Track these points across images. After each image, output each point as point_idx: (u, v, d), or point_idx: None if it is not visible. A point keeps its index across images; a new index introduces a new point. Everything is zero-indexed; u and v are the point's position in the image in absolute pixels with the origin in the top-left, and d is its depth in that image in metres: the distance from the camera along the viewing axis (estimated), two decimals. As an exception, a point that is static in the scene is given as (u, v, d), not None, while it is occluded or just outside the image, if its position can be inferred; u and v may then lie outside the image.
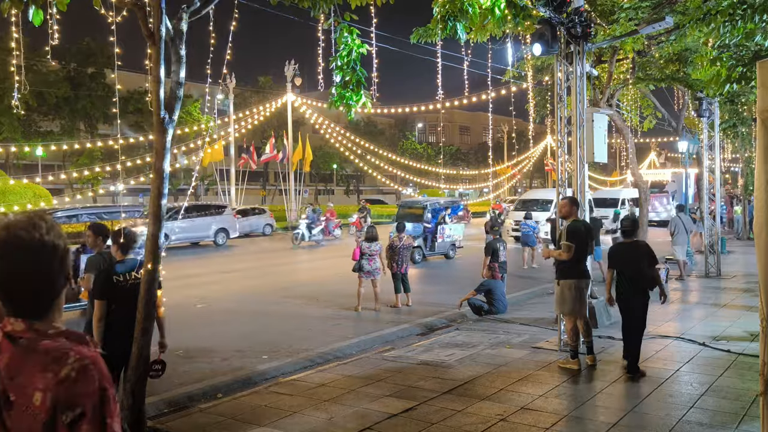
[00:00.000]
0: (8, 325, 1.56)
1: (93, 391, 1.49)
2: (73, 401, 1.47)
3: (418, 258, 18.42)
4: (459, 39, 7.55)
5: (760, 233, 3.22)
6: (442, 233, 19.77)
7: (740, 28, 7.43)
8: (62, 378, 1.47)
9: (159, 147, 5.17)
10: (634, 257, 7.14)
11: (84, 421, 1.46)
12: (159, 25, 5.01)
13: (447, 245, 19.97)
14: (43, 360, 1.50)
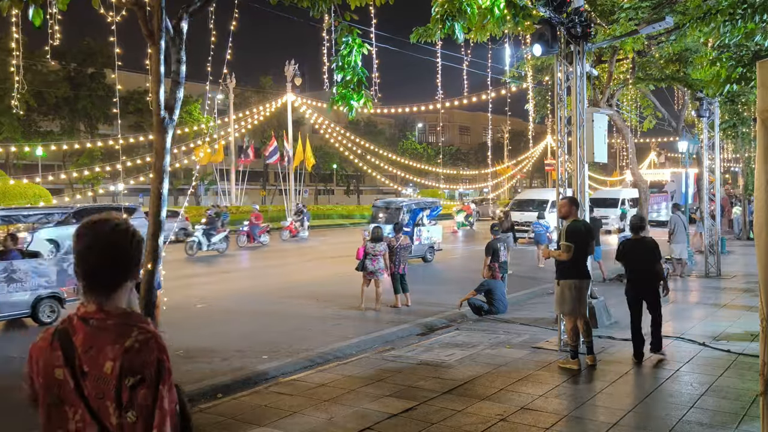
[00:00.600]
0: (82, 308, 1.87)
1: (152, 361, 1.76)
2: (135, 368, 1.75)
3: None
4: (457, 39, 7.55)
5: (760, 233, 3.22)
6: (419, 235, 18.91)
7: (740, 28, 7.44)
8: (127, 348, 1.76)
9: (159, 147, 5.17)
10: (642, 252, 7.75)
11: (143, 386, 1.74)
12: (159, 24, 5.01)
13: (425, 248, 19.13)
14: (111, 335, 1.80)
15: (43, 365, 1.84)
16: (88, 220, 1.91)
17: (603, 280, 14.21)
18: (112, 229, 1.89)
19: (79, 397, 1.79)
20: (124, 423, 1.74)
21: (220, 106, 46.82)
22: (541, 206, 26.74)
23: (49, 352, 1.84)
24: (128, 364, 1.75)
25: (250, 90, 53.46)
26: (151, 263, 5.08)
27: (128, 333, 1.80)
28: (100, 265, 1.87)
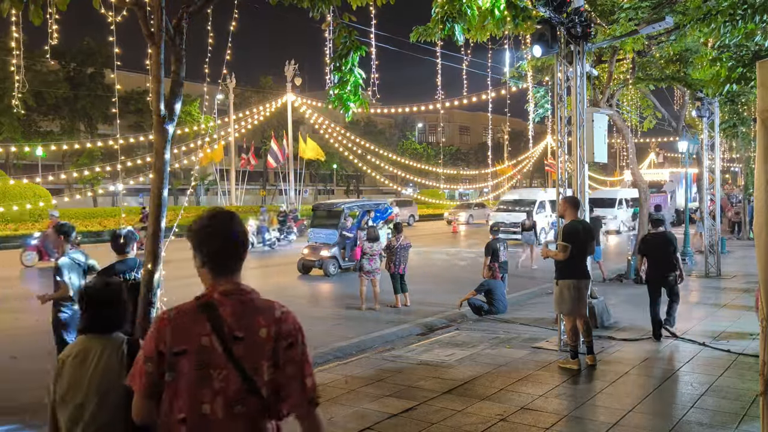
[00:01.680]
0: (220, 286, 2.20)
1: (296, 329, 2.24)
2: (286, 334, 2.20)
3: (333, 270, 16.39)
4: (457, 41, 7.54)
5: (760, 233, 3.22)
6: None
7: (740, 29, 7.44)
8: (277, 318, 2.19)
9: (159, 147, 5.16)
10: (661, 244, 8.81)
11: (295, 346, 2.22)
12: (159, 24, 5.01)
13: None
14: (257, 308, 2.20)
15: (189, 335, 2.12)
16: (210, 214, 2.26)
17: (603, 280, 14.21)
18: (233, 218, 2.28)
19: (227, 359, 2.10)
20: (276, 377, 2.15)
21: (220, 106, 46.83)
22: (529, 207, 26.23)
23: (193, 324, 2.13)
24: (280, 331, 2.18)
25: (250, 90, 53.47)
26: (151, 263, 5.08)
27: (272, 306, 2.23)
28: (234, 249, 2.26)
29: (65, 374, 2.80)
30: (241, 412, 2.12)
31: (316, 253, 16.41)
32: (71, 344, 2.97)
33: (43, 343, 9.17)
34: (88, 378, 2.75)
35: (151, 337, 2.16)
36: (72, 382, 2.77)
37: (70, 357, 2.82)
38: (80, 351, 2.82)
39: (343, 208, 17.75)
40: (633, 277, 14.30)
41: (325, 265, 16.26)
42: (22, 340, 9.36)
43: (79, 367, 2.78)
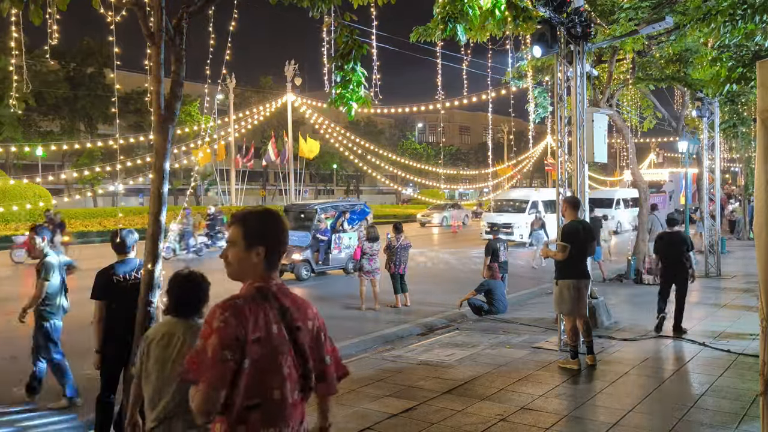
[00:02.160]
0: (273, 279, 2.38)
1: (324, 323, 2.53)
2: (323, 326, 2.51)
3: (305, 274, 15.69)
4: (459, 41, 7.54)
5: (760, 233, 3.22)
6: (338, 243, 16.65)
7: (740, 29, 7.43)
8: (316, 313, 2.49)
9: (159, 147, 5.16)
10: (676, 243, 9.24)
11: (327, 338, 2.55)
12: (159, 24, 5.01)
13: (346, 258, 16.82)
14: (304, 301, 2.46)
15: (262, 322, 2.25)
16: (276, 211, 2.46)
17: (603, 280, 14.21)
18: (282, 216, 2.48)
19: (292, 345, 2.32)
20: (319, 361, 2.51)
21: (220, 106, 46.80)
22: (521, 207, 25.83)
23: (263, 311, 2.27)
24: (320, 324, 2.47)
25: (250, 90, 53.47)
26: (151, 263, 5.08)
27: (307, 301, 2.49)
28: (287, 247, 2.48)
29: (152, 353, 3.23)
30: (300, 397, 2.44)
31: (287, 257, 15.35)
32: (157, 325, 3.44)
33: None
34: (172, 358, 3.17)
35: (227, 325, 2.18)
36: (157, 360, 3.20)
37: (156, 339, 3.26)
38: (165, 333, 3.26)
39: (316, 209, 16.84)
40: (633, 277, 14.30)
41: (297, 269, 15.54)
42: (21, 342, 9.35)
43: (164, 349, 3.21)
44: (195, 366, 2.21)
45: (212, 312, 2.22)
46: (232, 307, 2.22)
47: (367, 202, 20.41)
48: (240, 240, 2.35)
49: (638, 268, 14.28)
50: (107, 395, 5.16)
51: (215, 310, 2.21)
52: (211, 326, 2.19)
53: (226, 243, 2.42)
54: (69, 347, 8.68)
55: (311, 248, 15.98)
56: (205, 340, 2.19)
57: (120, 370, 5.17)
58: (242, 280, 2.39)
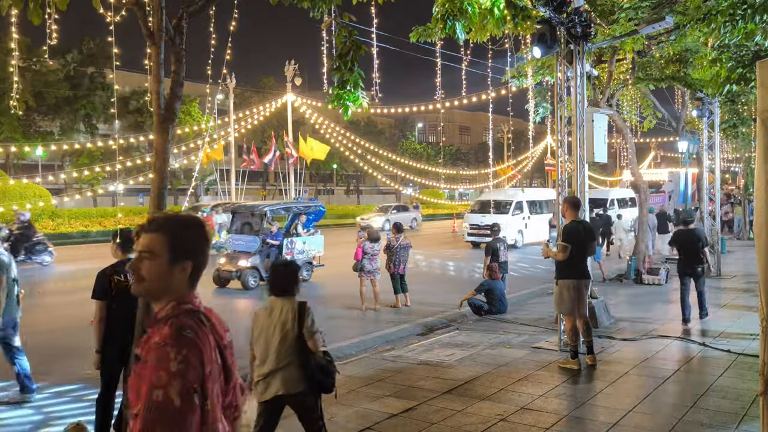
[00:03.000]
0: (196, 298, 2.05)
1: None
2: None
3: (252, 283, 14.29)
4: (458, 39, 7.54)
5: (760, 233, 3.22)
6: (291, 248, 15.06)
7: (740, 29, 7.43)
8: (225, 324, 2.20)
9: (159, 147, 5.16)
10: (691, 239, 9.87)
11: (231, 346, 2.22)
12: (159, 24, 5.01)
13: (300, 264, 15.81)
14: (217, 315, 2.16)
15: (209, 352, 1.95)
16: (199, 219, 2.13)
17: (603, 280, 14.21)
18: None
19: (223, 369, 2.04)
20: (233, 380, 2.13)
21: (220, 106, 46.78)
22: (504, 208, 24.84)
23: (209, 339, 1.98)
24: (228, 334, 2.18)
25: (250, 90, 53.47)
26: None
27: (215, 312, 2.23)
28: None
29: (259, 321, 4.26)
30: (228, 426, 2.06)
31: (233, 263, 14.35)
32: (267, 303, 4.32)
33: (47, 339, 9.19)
34: (273, 324, 4.17)
35: (188, 366, 1.82)
36: (263, 326, 4.22)
37: (262, 311, 4.30)
38: (269, 306, 4.28)
39: (265, 211, 15.43)
40: (633, 277, 14.30)
41: (243, 277, 14.17)
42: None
43: (268, 317, 4.22)
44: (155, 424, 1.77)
45: (162, 353, 1.82)
46: (188, 343, 1.86)
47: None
48: (163, 252, 1.96)
49: (638, 268, 14.28)
50: (107, 395, 5.16)
51: (166, 351, 1.82)
52: (167, 370, 1.79)
53: (139, 253, 2.00)
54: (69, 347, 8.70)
55: (260, 254, 14.62)
56: (164, 389, 1.78)
57: (120, 370, 5.17)
58: (157, 300, 2.01)
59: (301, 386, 4.13)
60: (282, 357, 4.10)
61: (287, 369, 4.10)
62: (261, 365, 4.16)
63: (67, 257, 21.07)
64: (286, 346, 4.11)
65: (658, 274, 13.94)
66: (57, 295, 14.01)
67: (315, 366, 4.13)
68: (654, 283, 13.81)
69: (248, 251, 14.47)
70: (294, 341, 4.12)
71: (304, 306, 4.24)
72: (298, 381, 4.12)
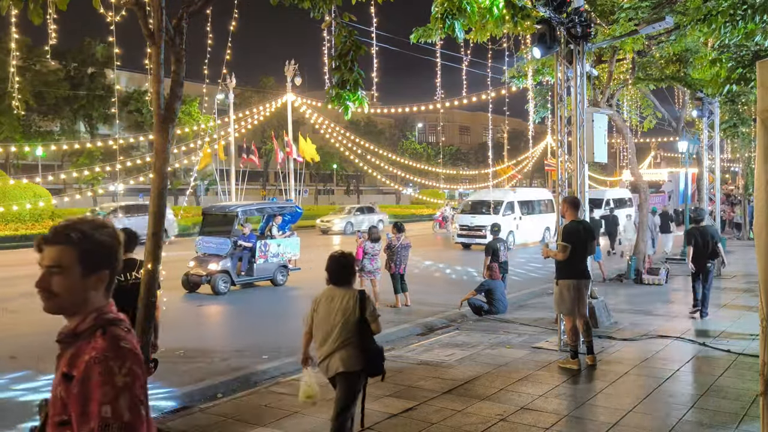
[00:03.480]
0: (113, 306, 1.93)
1: None
2: None
3: (223, 288, 13.55)
4: (457, 38, 7.54)
5: (760, 233, 3.22)
6: (264, 251, 14.47)
7: (740, 29, 7.43)
8: None
9: (159, 147, 5.16)
10: (704, 236, 10.25)
11: None
12: (159, 24, 5.01)
13: (273, 267, 14.70)
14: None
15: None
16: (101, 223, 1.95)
17: (603, 280, 14.21)
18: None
19: None
20: None
21: (220, 106, 46.76)
22: (496, 209, 24.17)
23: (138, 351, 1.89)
24: None
25: (250, 90, 53.48)
26: (151, 263, 5.08)
27: None
28: None
29: (320, 309, 4.64)
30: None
31: (203, 267, 13.68)
32: (323, 291, 4.74)
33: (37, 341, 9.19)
34: (335, 311, 4.55)
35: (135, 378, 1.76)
36: (324, 313, 4.61)
37: (323, 298, 4.68)
38: (329, 295, 4.66)
39: (237, 212, 14.65)
40: (633, 277, 14.31)
41: (213, 282, 13.43)
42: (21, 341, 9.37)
43: (329, 305, 4.60)
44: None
45: (106, 367, 1.72)
46: (128, 354, 1.77)
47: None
48: (74, 264, 1.81)
49: (638, 268, 14.28)
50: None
51: (110, 366, 1.73)
52: (113, 385, 1.70)
53: (47, 269, 1.82)
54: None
55: (232, 257, 13.96)
56: (113, 404, 1.69)
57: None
58: (72, 315, 1.85)
59: (359, 366, 4.53)
60: (343, 339, 4.52)
61: (347, 349, 4.52)
62: (321, 347, 4.61)
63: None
64: (347, 330, 4.52)
65: (658, 274, 13.94)
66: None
67: (376, 349, 4.60)
68: (654, 283, 13.81)
69: (219, 254, 13.80)
70: (354, 326, 4.52)
71: (364, 294, 4.66)
72: (357, 361, 4.53)
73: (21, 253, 23.59)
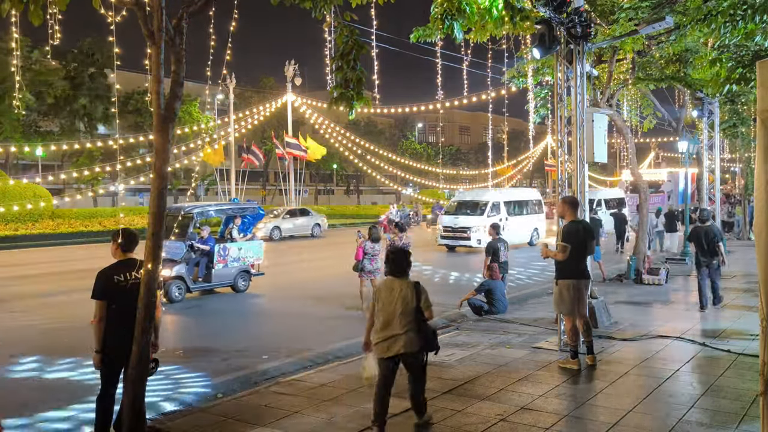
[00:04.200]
0: None
1: None
2: None
3: (177, 295, 12.51)
4: (456, 39, 7.54)
5: (760, 233, 3.22)
6: (224, 256, 13.51)
7: (740, 29, 7.44)
8: None
9: (159, 147, 5.16)
10: (709, 235, 10.85)
11: None
12: (159, 24, 5.01)
13: (234, 273, 13.70)
14: None
15: None
16: None
17: (603, 280, 14.21)
18: None
19: None
20: None
21: (220, 106, 46.77)
22: (480, 209, 23.21)
23: None
24: None
25: (250, 90, 53.49)
26: (151, 263, 5.08)
27: None
28: None
29: (381, 297, 5.36)
30: None
31: None
32: (383, 281, 5.56)
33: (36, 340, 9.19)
34: (395, 299, 5.29)
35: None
36: (386, 300, 5.33)
37: (383, 288, 5.42)
38: (389, 285, 5.39)
39: (192, 213, 13.45)
40: (633, 277, 14.31)
41: (166, 288, 12.34)
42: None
43: (390, 293, 5.33)
44: None
45: None
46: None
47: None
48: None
49: (638, 268, 14.28)
50: (107, 395, 5.16)
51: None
52: None
53: None
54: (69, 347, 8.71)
55: (189, 262, 13.00)
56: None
57: (120, 370, 5.16)
58: None
59: (418, 346, 5.30)
60: (404, 324, 5.24)
61: (408, 333, 5.24)
62: (382, 330, 5.30)
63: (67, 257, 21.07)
64: (407, 315, 5.25)
65: (658, 274, 13.94)
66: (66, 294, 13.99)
67: (430, 331, 5.41)
68: (654, 283, 13.81)
69: (173, 259, 12.71)
70: (412, 312, 5.27)
71: (419, 285, 5.39)
72: (416, 342, 5.28)
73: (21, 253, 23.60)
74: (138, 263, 5.21)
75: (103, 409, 5.14)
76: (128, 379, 5.10)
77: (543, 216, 26.23)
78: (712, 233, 10.90)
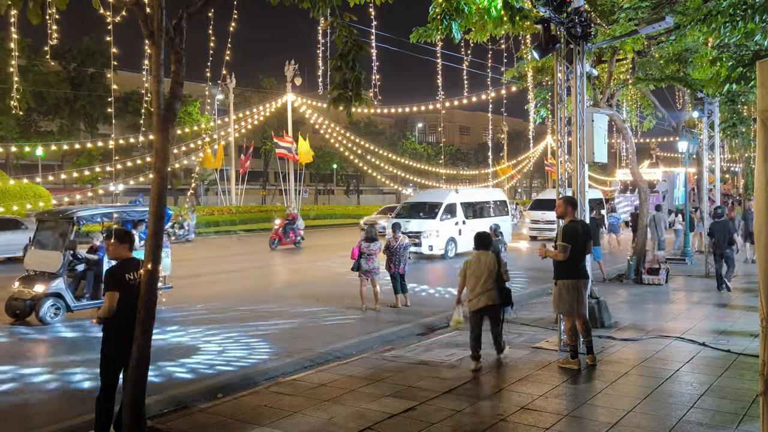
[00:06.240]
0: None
1: None
2: None
3: (51, 316, 10.42)
4: (454, 39, 7.54)
5: (760, 233, 3.22)
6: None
7: (740, 29, 7.43)
8: None
9: (159, 147, 5.17)
10: (725, 229, 12.79)
11: None
12: (159, 24, 5.01)
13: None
14: None
15: None
16: None
17: (603, 280, 14.21)
18: None
19: None
20: None
21: (220, 106, 46.77)
22: (433, 211, 21.14)
23: None
24: None
25: (250, 90, 53.49)
26: (151, 263, 5.09)
27: None
28: None
29: (472, 264, 7.47)
30: None
31: (29, 288, 10.60)
32: (472, 255, 7.62)
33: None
34: (483, 266, 7.40)
35: None
36: (475, 267, 7.43)
37: (473, 258, 7.53)
38: (477, 256, 7.53)
39: (74, 217, 10.97)
40: (633, 277, 14.30)
41: (38, 307, 10.34)
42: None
43: (477, 262, 7.46)
44: None
45: None
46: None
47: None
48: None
49: (638, 268, 14.28)
50: (107, 395, 5.16)
51: None
52: None
53: None
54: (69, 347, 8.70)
55: (72, 276, 11.17)
56: None
57: (120, 370, 5.17)
58: None
59: (498, 300, 7.40)
60: (488, 285, 7.32)
61: (491, 291, 7.33)
62: (472, 290, 7.39)
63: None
64: (491, 278, 7.33)
65: (658, 274, 13.94)
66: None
67: (507, 290, 7.53)
68: (654, 283, 13.81)
69: (51, 272, 10.70)
70: (495, 275, 7.35)
71: (498, 255, 7.64)
72: (497, 297, 7.38)
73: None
74: (140, 263, 5.25)
75: (103, 410, 5.15)
76: (128, 378, 5.10)
77: (508, 218, 24.26)
78: (728, 227, 12.86)
